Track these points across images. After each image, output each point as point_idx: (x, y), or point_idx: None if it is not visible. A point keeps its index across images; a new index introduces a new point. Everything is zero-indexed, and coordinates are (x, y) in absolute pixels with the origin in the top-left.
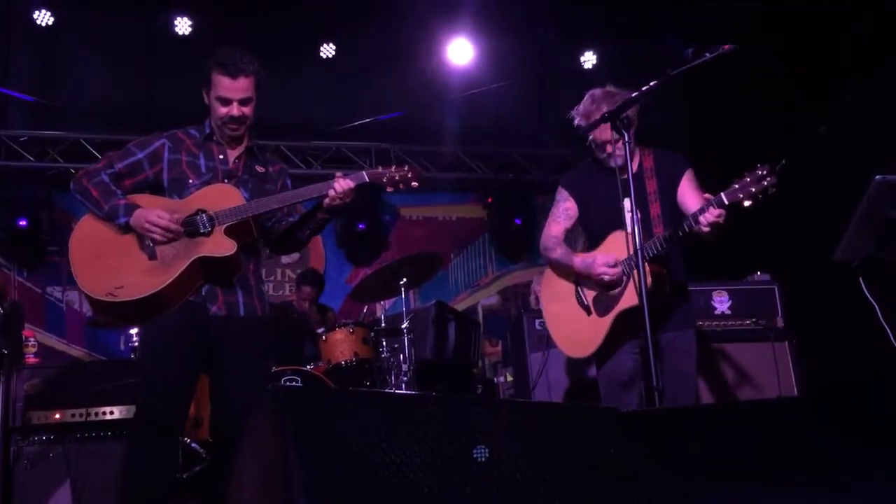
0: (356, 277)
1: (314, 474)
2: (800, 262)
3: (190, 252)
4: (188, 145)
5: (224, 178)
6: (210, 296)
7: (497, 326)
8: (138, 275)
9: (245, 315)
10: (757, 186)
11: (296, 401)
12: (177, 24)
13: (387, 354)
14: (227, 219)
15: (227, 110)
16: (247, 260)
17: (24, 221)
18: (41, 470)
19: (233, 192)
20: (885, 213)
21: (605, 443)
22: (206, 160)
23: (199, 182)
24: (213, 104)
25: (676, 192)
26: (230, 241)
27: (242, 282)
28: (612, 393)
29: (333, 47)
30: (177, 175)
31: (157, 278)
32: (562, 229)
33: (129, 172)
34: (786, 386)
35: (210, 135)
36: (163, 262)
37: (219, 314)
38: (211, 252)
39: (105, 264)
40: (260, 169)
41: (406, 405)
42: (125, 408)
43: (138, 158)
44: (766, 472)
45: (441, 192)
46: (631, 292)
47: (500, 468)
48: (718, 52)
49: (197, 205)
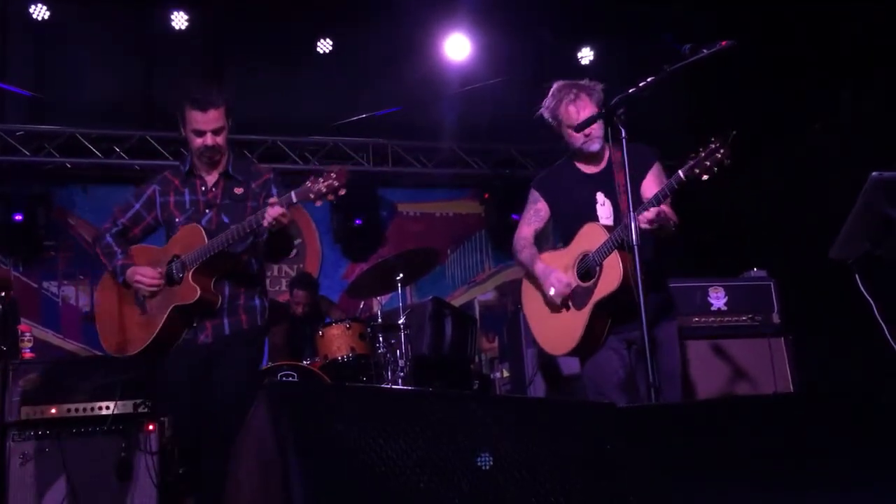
0: (353, 273)
1: (311, 470)
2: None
3: (167, 302)
4: (176, 185)
5: (206, 209)
6: (199, 328)
7: (494, 322)
8: (134, 329)
9: (230, 333)
10: (711, 160)
11: (292, 397)
12: (173, 19)
13: (383, 350)
14: (193, 262)
15: (201, 141)
16: (235, 284)
17: (20, 216)
18: (37, 465)
19: (197, 232)
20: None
21: (602, 439)
22: (190, 195)
23: (183, 218)
24: (190, 137)
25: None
26: (194, 287)
27: (231, 304)
28: (599, 392)
29: (330, 43)
30: (167, 217)
31: (147, 332)
32: (532, 231)
33: (133, 223)
34: (782, 382)
35: (190, 170)
36: (150, 315)
37: (206, 342)
38: (181, 301)
39: (113, 323)
40: (238, 191)
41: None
42: (121, 403)
43: (136, 209)
44: (763, 469)
45: (438, 187)
46: (604, 282)
47: (496, 464)
48: (716, 48)
49: (174, 250)
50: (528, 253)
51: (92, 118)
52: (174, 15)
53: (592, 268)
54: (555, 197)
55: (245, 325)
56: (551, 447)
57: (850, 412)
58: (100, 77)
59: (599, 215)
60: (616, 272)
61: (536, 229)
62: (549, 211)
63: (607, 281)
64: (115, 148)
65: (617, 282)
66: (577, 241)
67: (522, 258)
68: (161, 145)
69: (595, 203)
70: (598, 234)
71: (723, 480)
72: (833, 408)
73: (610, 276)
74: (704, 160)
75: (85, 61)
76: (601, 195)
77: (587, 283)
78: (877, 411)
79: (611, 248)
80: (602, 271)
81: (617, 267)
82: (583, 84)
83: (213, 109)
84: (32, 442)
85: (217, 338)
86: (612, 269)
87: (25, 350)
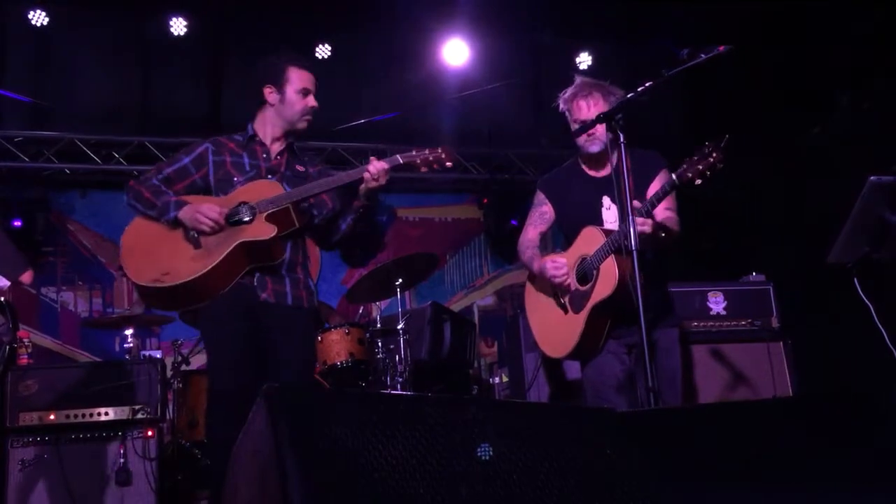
0: (352, 278)
1: (309, 475)
2: (795, 263)
3: (232, 238)
4: (231, 147)
5: (267, 175)
6: (260, 283)
7: (493, 327)
8: (184, 262)
9: (292, 305)
10: (704, 164)
11: (291, 402)
12: (172, 25)
13: (382, 355)
14: (267, 207)
15: (306, 101)
16: (294, 252)
17: (19, 222)
18: (36, 471)
19: (274, 185)
20: (880, 214)
21: (601, 443)
22: (249, 159)
23: (243, 179)
24: (293, 98)
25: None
26: (270, 225)
27: (290, 273)
28: (599, 396)
29: (329, 48)
30: (222, 175)
31: (201, 262)
32: (537, 233)
33: (178, 177)
34: (781, 386)
35: (253, 136)
36: (207, 249)
37: (268, 301)
38: (252, 236)
39: (152, 256)
40: (300, 168)
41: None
42: (120, 409)
43: (184, 163)
44: (762, 473)
45: (437, 192)
46: (602, 284)
47: (495, 469)
48: (713, 53)
49: (240, 199)
50: (531, 254)
51: (91, 124)
52: (173, 21)
53: (589, 271)
54: (560, 199)
55: (306, 303)
56: (550, 452)
57: (850, 416)
58: (99, 83)
59: (605, 219)
60: (611, 276)
61: (541, 231)
62: (554, 213)
63: (603, 285)
64: (113, 154)
65: (612, 286)
66: (577, 244)
67: (524, 259)
68: (160, 151)
69: (601, 207)
70: (596, 238)
71: (722, 485)
72: (833, 412)
73: (605, 280)
74: (697, 164)
75: (84, 67)
76: (607, 199)
77: (584, 286)
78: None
79: (607, 252)
80: (598, 275)
81: (612, 271)
82: (602, 84)
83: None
84: (31, 448)
85: (279, 303)
86: (608, 273)
87: (24, 356)
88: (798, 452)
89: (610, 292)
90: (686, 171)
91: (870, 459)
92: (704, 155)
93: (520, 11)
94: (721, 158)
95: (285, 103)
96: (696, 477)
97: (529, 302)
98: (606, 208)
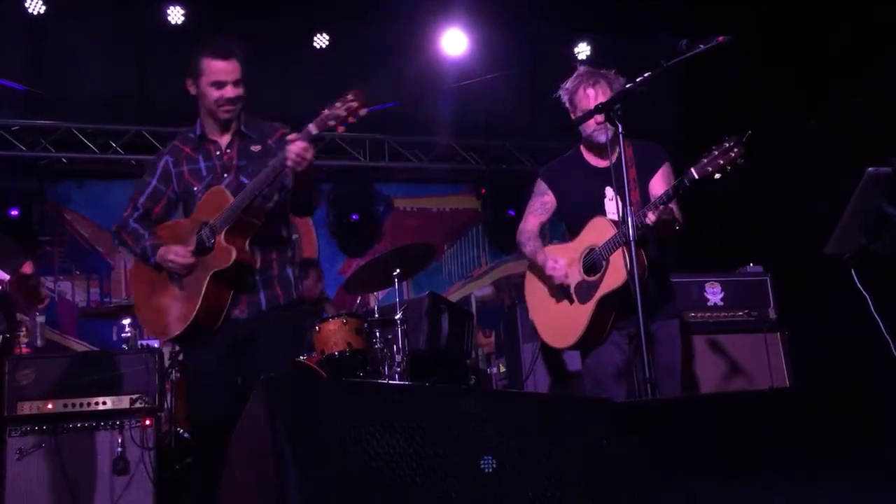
0: (349, 268)
1: (306, 465)
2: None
3: (205, 271)
4: (187, 153)
5: (223, 172)
6: (234, 301)
7: (490, 317)
8: (175, 308)
9: (267, 308)
10: (725, 158)
11: (288, 392)
12: (169, 14)
13: (380, 345)
14: (223, 224)
15: (220, 93)
16: (266, 251)
17: (16, 211)
18: (34, 460)
19: (221, 193)
20: (877, 206)
21: (598, 434)
22: (204, 161)
23: (202, 187)
24: (206, 91)
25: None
26: (228, 248)
27: (263, 276)
28: (598, 385)
29: (327, 37)
30: (184, 188)
31: (189, 307)
32: (537, 223)
33: (153, 202)
34: (778, 377)
35: (202, 134)
36: (189, 289)
37: (240, 317)
38: (218, 266)
39: (152, 305)
40: (255, 148)
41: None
42: (117, 398)
43: (154, 186)
44: (758, 464)
45: (435, 182)
46: (610, 276)
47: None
48: (712, 43)
49: (201, 218)
50: (533, 245)
51: (88, 113)
52: (170, 9)
53: (598, 262)
54: (563, 189)
55: (282, 299)
56: (548, 442)
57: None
58: (95, 72)
59: (607, 210)
60: (622, 268)
61: (542, 221)
62: (555, 203)
63: (613, 276)
64: (110, 143)
65: (623, 277)
66: (584, 234)
67: (527, 250)
68: (157, 140)
69: (604, 197)
70: (606, 229)
71: (719, 474)
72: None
73: (616, 272)
74: (718, 159)
75: (81, 55)
76: (610, 190)
77: (592, 277)
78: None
79: (618, 244)
80: (608, 266)
81: (623, 263)
82: (606, 73)
83: (234, 59)
84: (29, 437)
85: (253, 314)
86: (619, 264)
87: (22, 345)
88: (795, 442)
89: (620, 284)
90: (706, 165)
91: (867, 449)
92: (725, 150)
93: (518, 2)
94: (742, 153)
95: (201, 96)
96: (692, 467)
97: (530, 292)
98: (609, 199)
